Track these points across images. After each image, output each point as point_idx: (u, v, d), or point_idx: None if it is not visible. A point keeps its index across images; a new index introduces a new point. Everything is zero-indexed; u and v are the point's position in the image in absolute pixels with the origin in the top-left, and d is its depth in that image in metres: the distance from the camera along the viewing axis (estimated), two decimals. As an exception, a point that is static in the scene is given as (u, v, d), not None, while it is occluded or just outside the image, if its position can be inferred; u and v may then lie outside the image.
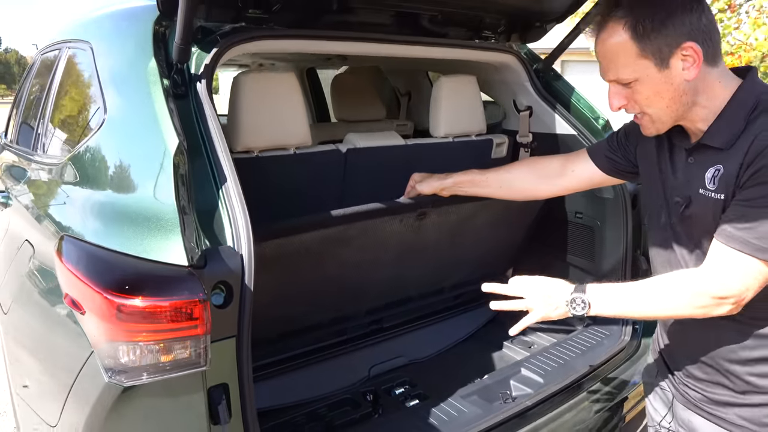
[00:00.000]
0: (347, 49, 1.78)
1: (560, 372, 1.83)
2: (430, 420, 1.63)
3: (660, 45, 1.06)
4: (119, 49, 1.58)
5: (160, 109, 1.28)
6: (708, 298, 1.06)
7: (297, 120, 1.71)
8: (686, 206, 1.16)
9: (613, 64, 1.11)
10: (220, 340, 1.13)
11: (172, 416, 1.13)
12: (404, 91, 3.41)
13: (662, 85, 1.09)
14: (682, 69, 1.06)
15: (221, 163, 1.27)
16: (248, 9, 1.57)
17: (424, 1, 1.85)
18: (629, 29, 1.07)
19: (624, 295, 1.18)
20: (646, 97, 1.11)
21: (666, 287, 1.14)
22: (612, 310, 1.17)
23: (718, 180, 1.08)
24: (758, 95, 1.07)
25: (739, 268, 1.03)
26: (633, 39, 1.07)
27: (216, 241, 1.20)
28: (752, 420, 1.16)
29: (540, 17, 2.12)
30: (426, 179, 1.82)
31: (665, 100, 1.10)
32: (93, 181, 1.43)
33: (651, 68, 1.08)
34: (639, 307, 1.16)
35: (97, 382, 1.08)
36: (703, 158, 1.12)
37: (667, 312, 1.15)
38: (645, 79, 1.09)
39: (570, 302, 1.17)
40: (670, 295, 1.12)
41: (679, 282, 1.12)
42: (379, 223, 1.82)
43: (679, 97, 1.09)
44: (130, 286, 1.02)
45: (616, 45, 1.09)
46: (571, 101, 2.22)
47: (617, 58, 1.10)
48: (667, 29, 1.04)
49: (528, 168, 1.69)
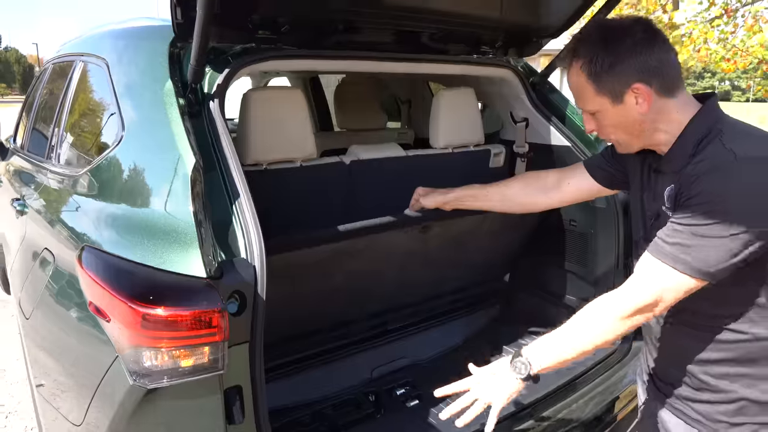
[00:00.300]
0: (352, 68, 1.87)
1: (554, 373, 1.91)
2: (429, 420, 1.72)
3: (612, 84, 1.18)
4: (137, 69, 1.66)
5: (177, 128, 1.37)
6: (632, 311, 1.15)
7: (303, 134, 1.80)
8: (655, 220, 1.26)
9: (578, 98, 1.27)
10: (235, 346, 1.21)
11: (192, 416, 1.22)
12: (405, 99, 3.50)
13: (620, 117, 1.21)
14: (635, 104, 1.18)
15: (234, 178, 1.36)
16: (258, 30, 1.66)
17: (424, 19, 1.93)
18: (585, 71, 1.20)
19: (556, 340, 1.22)
20: (608, 126, 1.25)
21: (591, 318, 1.20)
22: (553, 359, 1.21)
23: (672, 198, 1.18)
24: (711, 124, 1.16)
25: (657, 276, 1.13)
26: (589, 79, 1.20)
27: (230, 252, 1.29)
28: (706, 416, 1.25)
29: (536, 33, 2.21)
30: (429, 194, 1.90)
31: (626, 129, 1.24)
32: (113, 194, 1.52)
33: (607, 104, 1.21)
34: (574, 345, 1.20)
35: (122, 385, 1.17)
36: (664, 178, 1.23)
37: (600, 339, 1.18)
38: (605, 112, 1.23)
39: (513, 368, 1.23)
40: (597, 324, 1.18)
41: (600, 308, 1.19)
42: (385, 236, 1.91)
43: (638, 126, 1.21)
44: (154, 297, 1.10)
45: (577, 83, 1.23)
46: (566, 113, 2.30)
47: (580, 94, 1.25)
48: (615, 71, 1.17)
49: (526, 182, 1.78)
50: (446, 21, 1.97)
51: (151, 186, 1.40)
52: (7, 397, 3.03)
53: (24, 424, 2.80)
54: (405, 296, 2.28)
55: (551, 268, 2.45)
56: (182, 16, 1.43)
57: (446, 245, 2.15)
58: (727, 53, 6.52)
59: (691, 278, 1.10)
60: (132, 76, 1.67)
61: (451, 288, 2.43)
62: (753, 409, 1.20)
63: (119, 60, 1.77)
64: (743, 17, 7.20)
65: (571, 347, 1.20)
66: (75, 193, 1.73)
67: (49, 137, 2.34)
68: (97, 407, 1.29)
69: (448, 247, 2.16)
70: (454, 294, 2.45)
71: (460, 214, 1.91)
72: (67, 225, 1.65)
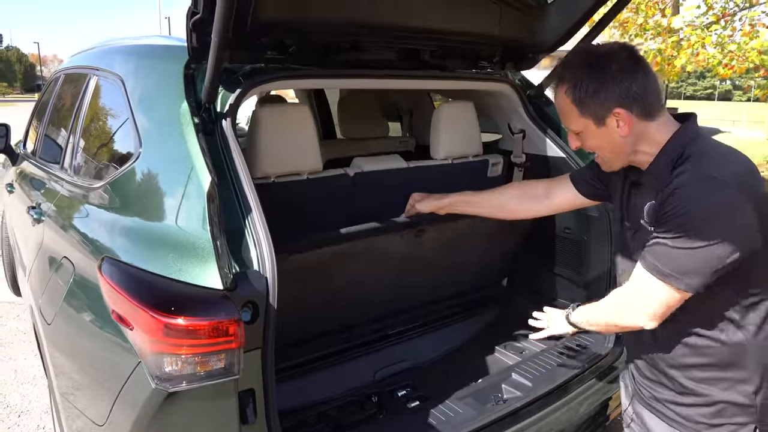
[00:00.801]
0: (357, 85, 1.96)
1: (548, 376, 2.01)
2: (429, 420, 1.81)
3: (595, 109, 1.28)
4: (153, 88, 1.76)
5: (193, 147, 1.46)
6: None
7: (310, 149, 1.89)
8: (635, 232, 1.36)
9: (564, 118, 1.37)
10: (249, 352, 1.31)
11: (208, 417, 1.31)
12: (407, 109, 3.59)
13: (603, 138, 1.31)
14: (616, 127, 1.27)
15: (246, 194, 1.45)
16: (267, 51, 1.76)
17: (426, 37, 2.03)
18: (569, 96, 1.30)
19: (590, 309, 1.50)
20: (592, 145, 1.36)
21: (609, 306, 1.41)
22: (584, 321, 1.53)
23: (651, 214, 1.28)
24: (686, 144, 1.25)
25: (651, 290, 1.24)
26: (573, 103, 1.29)
27: (243, 263, 1.38)
28: (687, 418, 1.34)
29: (532, 49, 2.30)
30: (424, 199, 2.01)
31: (608, 149, 1.33)
32: (132, 208, 1.62)
33: (591, 125, 1.30)
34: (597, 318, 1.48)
35: (145, 388, 1.27)
36: (643, 193, 1.33)
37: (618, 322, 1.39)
38: (588, 133, 1.32)
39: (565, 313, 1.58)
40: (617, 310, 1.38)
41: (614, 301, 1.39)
42: (383, 239, 2.01)
43: (620, 147, 1.31)
44: (176, 308, 1.20)
45: (563, 105, 1.33)
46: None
47: (565, 115, 1.35)
48: (599, 97, 1.26)
49: (517, 190, 1.88)
50: (446, 39, 2.06)
51: (169, 201, 1.49)
52: (19, 398, 3.11)
53: (36, 423, 2.89)
54: (404, 300, 2.37)
55: (547, 273, 2.54)
56: (197, 41, 1.52)
57: (441, 249, 2.25)
58: (724, 58, 6.60)
59: (676, 290, 1.20)
60: (148, 94, 1.76)
61: (449, 292, 2.52)
62: (731, 410, 1.29)
63: (135, 78, 1.86)
64: (740, 21, 7.28)
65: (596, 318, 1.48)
66: (94, 204, 1.82)
67: (64, 147, 2.42)
68: (120, 409, 1.38)
69: (443, 250, 2.26)
70: (452, 299, 2.54)
71: (453, 218, 2.00)
72: (87, 236, 1.74)
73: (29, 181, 2.87)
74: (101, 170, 1.94)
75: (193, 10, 1.43)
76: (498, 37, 2.14)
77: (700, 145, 1.25)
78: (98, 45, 2.70)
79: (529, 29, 2.20)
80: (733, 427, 1.30)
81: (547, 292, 2.56)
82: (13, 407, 3.02)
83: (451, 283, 2.48)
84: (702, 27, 7.00)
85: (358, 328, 2.29)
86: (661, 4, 8.09)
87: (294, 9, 1.66)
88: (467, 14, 2.00)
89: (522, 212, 1.89)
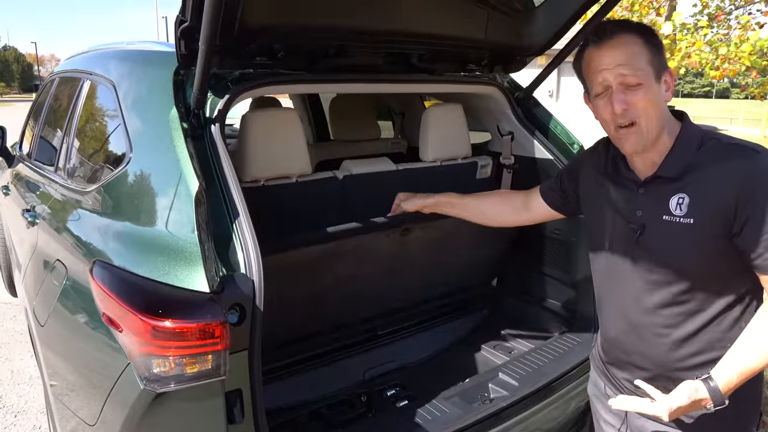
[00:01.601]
0: (345, 89, 1.99)
1: (534, 376, 2.04)
2: (416, 419, 1.84)
3: (660, 60, 1.24)
4: (144, 94, 1.78)
5: (182, 152, 1.49)
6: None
7: (298, 152, 1.92)
8: (641, 233, 1.31)
9: (629, 64, 1.22)
10: (235, 353, 1.34)
11: (196, 417, 1.34)
12: (398, 111, 3.62)
13: (656, 96, 1.23)
14: (665, 90, 1.25)
15: (234, 198, 1.48)
16: (255, 57, 1.78)
17: (413, 42, 2.05)
18: (642, 39, 1.23)
19: (745, 362, 1.19)
20: (645, 104, 1.22)
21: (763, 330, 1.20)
22: (740, 380, 1.19)
23: (686, 206, 1.23)
24: (702, 134, 1.26)
25: None
26: (645, 46, 1.23)
27: (230, 266, 1.41)
28: (696, 417, 1.32)
29: (520, 52, 2.33)
30: (410, 198, 2.02)
31: (657, 113, 1.24)
32: (122, 212, 1.65)
33: (652, 78, 1.23)
34: (758, 363, 1.19)
35: (134, 389, 1.30)
36: (659, 189, 1.28)
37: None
38: (647, 87, 1.22)
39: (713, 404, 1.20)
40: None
41: None
42: (370, 238, 2.04)
43: (662, 114, 1.25)
44: (163, 310, 1.22)
45: (633, 46, 1.23)
46: (549, 128, 2.43)
47: (633, 59, 1.22)
48: (661, 54, 1.24)
49: (499, 199, 1.90)
50: (434, 43, 2.09)
51: (158, 205, 1.52)
52: (15, 398, 3.14)
53: (32, 423, 2.92)
54: (393, 300, 2.40)
55: (536, 273, 2.57)
56: (185, 48, 1.55)
57: (428, 248, 2.28)
58: (716, 60, 6.62)
59: None
60: (139, 99, 1.79)
61: (438, 292, 2.55)
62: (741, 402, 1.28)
63: (127, 83, 1.89)
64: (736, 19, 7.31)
65: (757, 365, 1.19)
66: (85, 208, 1.85)
67: (57, 151, 2.46)
68: (110, 409, 1.42)
69: (430, 249, 2.28)
70: (441, 299, 2.57)
71: (438, 217, 2.03)
72: (79, 239, 1.77)
73: (24, 183, 2.89)
74: (93, 174, 1.97)
75: (181, 18, 1.45)
76: (485, 41, 2.16)
77: (713, 132, 1.27)
78: (92, 49, 2.72)
79: (517, 33, 2.23)
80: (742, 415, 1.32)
81: (536, 293, 2.59)
82: (9, 407, 3.05)
83: (440, 282, 2.51)
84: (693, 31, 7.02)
85: (348, 328, 2.32)
86: (655, 3, 8.12)
87: (281, 15, 1.69)
88: (454, 19, 2.03)
89: (504, 222, 1.88)
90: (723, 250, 1.22)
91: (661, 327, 1.33)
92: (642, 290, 1.35)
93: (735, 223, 1.18)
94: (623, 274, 1.39)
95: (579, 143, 2.39)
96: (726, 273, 1.24)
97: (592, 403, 1.69)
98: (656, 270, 1.31)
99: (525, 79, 2.50)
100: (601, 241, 1.45)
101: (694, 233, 1.23)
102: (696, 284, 1.27)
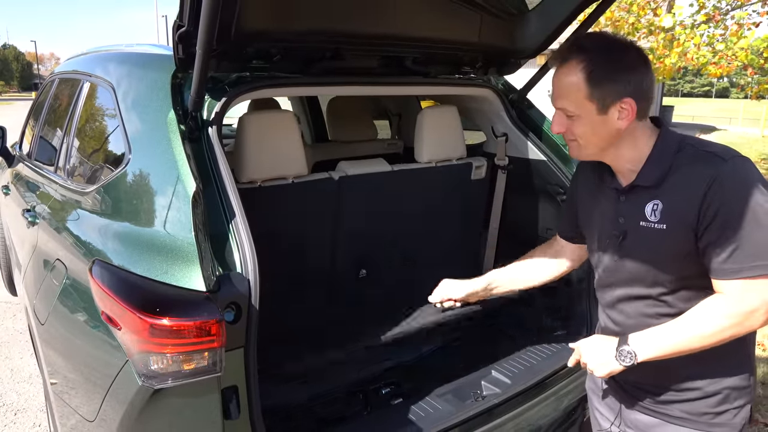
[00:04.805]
0: (341, 92, 2.02)
1: (527, 373, 2.07)
2: (410, 416, 1.87)
3: (605, 94, 1.23)
4: (142, 96, 1.81)
5: (179, 153, 1.52)
6: (740, 315, 1.20)
7: (295, 153, 1.95)
8: (623, 238, 1.36)
9: (564, 97, 1.28)
10: (232, 350, 1.37)
11: (193, 412, 1.38)
12: (395, 112, 3.65)
13: (598, 126, 1.27)
14: (617, 118, 1.26)
15: (231, 199, 1.51)
16: (252, 60, 1.82)
17: (408, 45, 2.08)
18: (584, 72, 1.23)
19: (664, 336, 1.27)
20: (582, 131, 1.30)
21: (700, 317, 1.24)
22: (657, 352, 1.26)
23: (659, 213, 1.28)
24: (679, 141, 1.29)
25: (754, 289, 1.19)
26: (585, 82, 1.23)
27: (226, 265, 1.44)
28: (691, 412, 1.36)
29: (513, 55, 2.36)
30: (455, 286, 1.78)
31: (596, 137, 1.30)
32: (121, 212, 1.68)
33: (593, 111, 1.26)
34: (681, 342, 1.25)
35: (132, 385, 1.33)
36: (637, 197, 1.32)
37: (708, 339, 1.23)
38: (585, 118, 1.27)
39: (618, 356, 1.29)
40: (706, 323, 1.23)
41: (709, 310, 1.24)
42: None
43: (608, 138, 1.29)
44: (161, 309, 1.26)
45: (570, 83, 1.26)
46: (543, 129, 2.45)
47: (568, 94, 1.27)
48: (614, 83, 1.23)
49: (538, 261, 1.78)
50: (428, 46, 2.12)
51: (156, 206, 1.55)
52: (15, 396, 3.17)
53: (32, 421, 2.95)
54: None
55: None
56: (183, 52, 1.58)
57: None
58: (714, 57, 6.66)
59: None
60: (138, 102, 1.82)
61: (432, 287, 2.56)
62: (734, 394, 1.34)
63: (126, 86, 1.92)
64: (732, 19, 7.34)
65: (678, 343, 1.25)
66: (85, 208, 1.88)
67: (57, 151, 2.48)
68: (109, 405, 1.45)
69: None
70: None
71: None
72: (78, 239, 1.80)
73: (24, 183, 2.92)
74: (93, 174, 2.00)
75: (179, 23, 1.48)
76: (479, 44, 2.19)
77: (690, 138, 1.29)
78: (92, 50, 2.75)
79: (511, 36, 2.26)
80: (735, 410, 1.34)
81: (530, 291, 2.61)
82: (9, 405, 3.08)
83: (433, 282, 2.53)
84: (691, 26, 7.06)
85: None
86: (652, 3, 8.15)
87: (277, 19, 1.72)
88: (448, 22, 2.06)
89: (553, 278, 1.79)
90: (695, 253, 1.25)
91: (647, 327, 1.36)
92: (627, 292, 1.40)
93: (698, 227, 1.22)
94: (611, 277, 1.44)
95: (572, 144, 2.42)
96: (703, 274, 1.27)
97: (589, 397, 1.73)
98: (637, 273, 1.36)
99: (523, 79, 2.52)
100: (594, 246, 1.50)
101: (667, 238, 1.27)
102: (675, 286, 1.31)
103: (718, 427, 1.35)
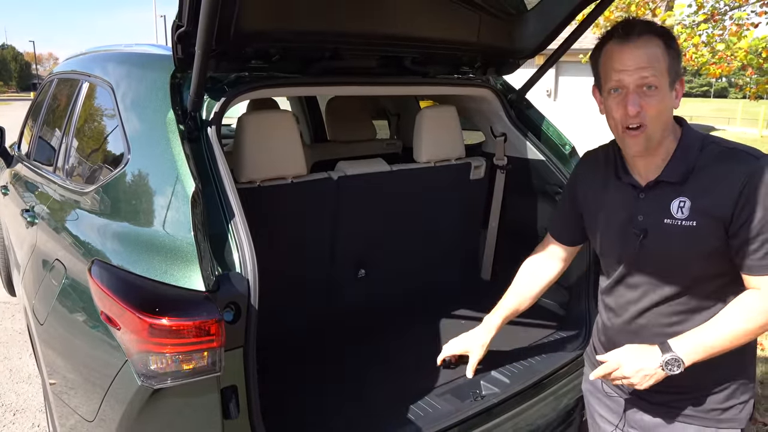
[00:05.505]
0: (339, 92, 2.02)
1: (526, 373, 2.07)
2: (409, 416, 1.87)
3: (676, 68, 1.25)
4: (142, 96, 1.81)
5: (178, 153, 1.52)
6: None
7: (294, 154, 1.95)
8: (644, 237, 1.34)
9: (651, 67, 1.22)
10: (231, 350, 1.37)
11: (192, 412, 1.38)
12: (394, 112, 3.66)
13: (668, 103, 1.25)
14: (675, 97, 1.27)
15: (230, 199, 1.51)
16: (251, 60, 1.82)
17: (407, 45, 2.09)
18: (664, 44, 1.24)
19: (706, 337, 1.26)
20: (656, 110, 1.23)
21: (737, 315, 1.25)
22: (701, 355, 1.26)
23: (688, 210, 1.26)
24: (702, 138, 1.30)
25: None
26: (667, 52, 1.24)
27: (226, 265, 1.44)
28: (699, 409, 1.37)
29: (512, 55, 2.36)
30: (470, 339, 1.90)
31: (663, 117, 1.26)
32: (120, 213, 1.68)
33: (666, 85, 1.24)
34: (722, 342, 1.25)
35: (131, 385, 1.33)
36: (661, 192, 1.31)
37: (746, 337, 1.25)
38: (662, 91, 1.24)
39: (664, 365, 1.27)
40: (744, 320, 1.24)
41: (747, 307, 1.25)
42: None
43: (668, 121, 1.27)
44: (160, 309, 1.26)
45: (653, 52, 1.23)
46: (541, 129, 2.46)
47: (651, 62, 1.22)
48: (678, 62, 1.25)
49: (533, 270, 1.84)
50: (427, 46, 2.12)
51: (156, 206, 1.55)
52: (14, 396, 3.17)
53: (31, 422, 2.94)
54: None
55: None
56: (182, 52, 1.58)
57: None
58: (713, 57, 6.67)
59: None
60: (137, 102, 1.82)
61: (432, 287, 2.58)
62: (740, 390, 1.36)
63: (126, 86, 1.92)
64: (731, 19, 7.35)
65: (716, 341, 1.25)
66: (84, 208, 1.88)
67: (56, 151, 2.48)
68: (108, 405, 1.45)
69: None
70: (436, 292, 2.60)
71: None
72: (78, 239, 1.80)
73: (23, 183, 2.92)
74: (92, 174, 2.00)
75: (178, 23, 1.49)
76: (478, 44, 2.20)
77: (712, 136, 1.30)
78: (91, 50, 2.75)
79: (509, 36, 2.26)
80: (741, 405, 1.36)
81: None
82: (8, 406, 3.08)
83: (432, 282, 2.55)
84: (690, 26, 7.07)
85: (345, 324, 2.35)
86: (651, 4, 8.15)
87: (276, 19, 1.72)
88: (447, 23, 2.06)
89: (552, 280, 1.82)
90: (723, 251, 1.26)
91: (660, 326, 1.38)
92: (643, 291, 1.39)
93: (732, 224, 1.23)
94: (625, 275, 1.42)
95: (571, 145, 2.43)
96: (725, 272, 1.28)
97: (586, 400, 1.72)
98: (658, 272, 1.35)
99: (522, 78, 2.53)
100: (601, 244, 1.48)
101: (697, 235, 1.26)
102: (696, 284, 1.31)
103: (726, 422, 1.36)
